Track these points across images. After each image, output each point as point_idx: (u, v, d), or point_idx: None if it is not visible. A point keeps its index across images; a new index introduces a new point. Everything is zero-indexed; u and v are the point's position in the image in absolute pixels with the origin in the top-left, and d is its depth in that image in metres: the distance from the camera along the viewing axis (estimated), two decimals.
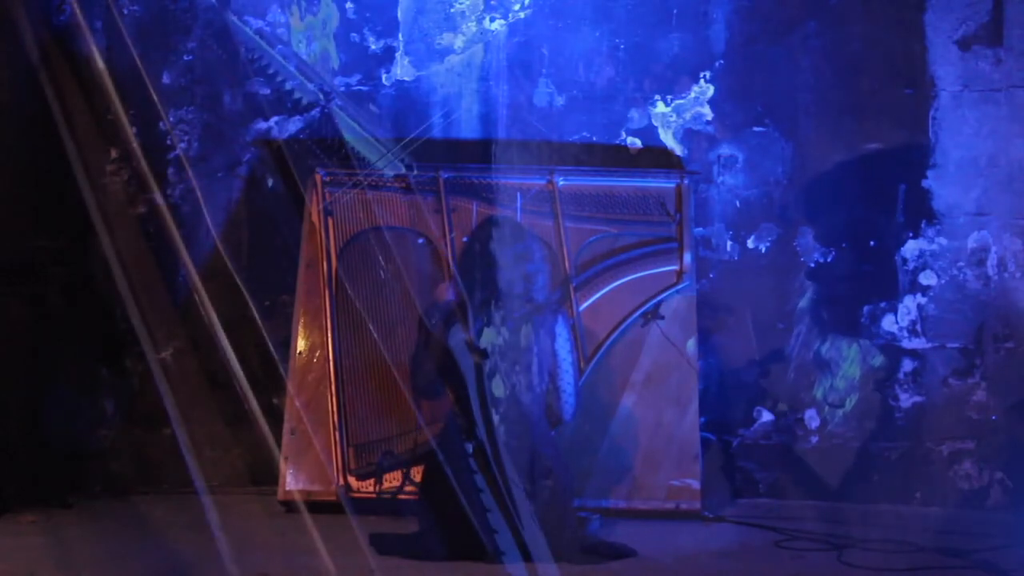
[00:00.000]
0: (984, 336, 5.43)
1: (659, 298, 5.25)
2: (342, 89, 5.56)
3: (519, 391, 4.45)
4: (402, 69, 5.59)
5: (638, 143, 5.58)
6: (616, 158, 5.54)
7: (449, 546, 4.32)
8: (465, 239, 4.91)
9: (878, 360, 5.46)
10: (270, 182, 5.56)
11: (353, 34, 5.60)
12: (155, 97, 5.45)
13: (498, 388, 4.44)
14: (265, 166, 5.55)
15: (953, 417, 5.42)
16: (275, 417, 5.20)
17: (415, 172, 5.28)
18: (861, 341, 5.46)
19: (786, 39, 5.54)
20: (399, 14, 5.60)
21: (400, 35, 5.59)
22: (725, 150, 5.57)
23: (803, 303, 5.48)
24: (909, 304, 5.47)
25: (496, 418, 4.41)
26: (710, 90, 5.55)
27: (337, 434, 5.07)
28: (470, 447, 4.39)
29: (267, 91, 5.57)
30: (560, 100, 5.58)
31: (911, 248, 5.48)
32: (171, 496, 5.30)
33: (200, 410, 5.37)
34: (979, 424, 5.40)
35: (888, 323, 5.47)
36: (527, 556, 4.25)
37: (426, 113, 5.52)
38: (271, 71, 5.56)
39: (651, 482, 5.09)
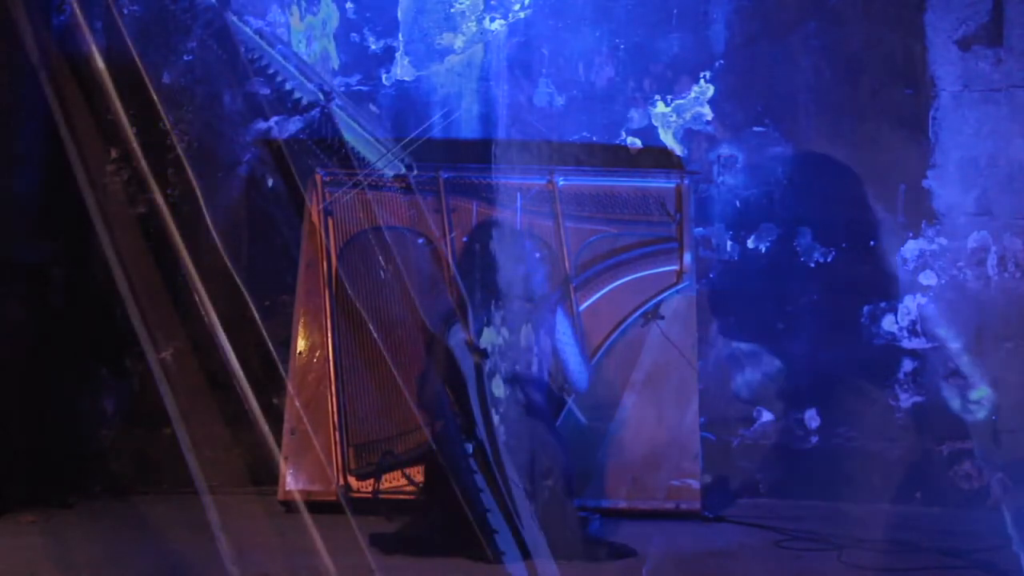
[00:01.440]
0: (984, 336, 5.43)
1: (659, 298, 5.25)
2: (342, 89, 5.56)
3: (519, 391, 4.45)
4: (402, 69, 5.59)
5: (638, 143, 5.58)
6: (616, 158, 5.54)
7: (449, 546, 4.32)
8: (465, 239, 4.92)
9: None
10: (270, 182, 5.56)
11: (353, 34, 5.60)
12: (155, 97, 5.44)
13: (498, 388, 4.44)
14: (265, 166, 5.55)
15: (953, 417, 5.42)
16: (275, 417, 5.20)
17: (415, 172, 5.28)
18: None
19: (786, 39, 5.54)
20: (399, 14, 5.60)
21: (400, 35, 5.59)
22: (725, 150, 5.57)
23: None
24: (909, 304, 5.47)
25: (496, 418, 4.42)
26: (710, 90, 5.55)
27: (337, 434, 5.07)
28: (470, 447, 4.40)
29: (267, 91, 5.56)
30: (560, 100, 5.58)
31: (911, 248, 5.48)
32: (171, 496, 5.30)
33: (200, 410, 5.36)
34: (979, 424, 5.40)
35: (888, 323, 5.47)
36: (527, 556, 4.25)
37: (426, 113, 5.52)
38: (271, 71, 5.55)
39: (651, 482, 5.09)
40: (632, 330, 5.22)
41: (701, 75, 5.56)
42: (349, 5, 5.60)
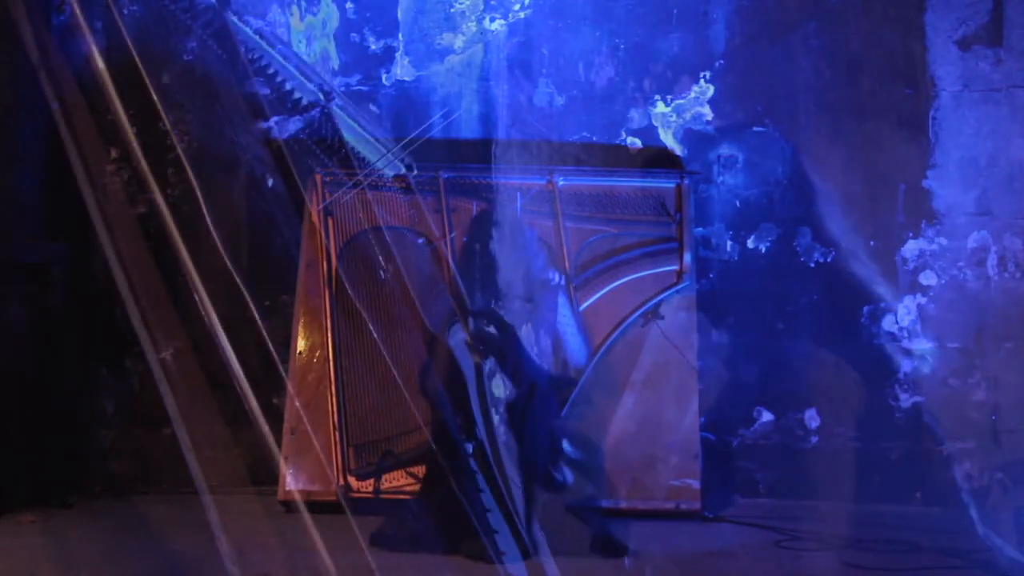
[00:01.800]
0: (984, 336, 5.43)
1: (659, 298, 5.25)
2: (342, 89, 5.56)
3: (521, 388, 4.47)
4: (402, 69, 5.59)
5: (638, 143, 5.58)
6: (616, 158, 5.54)
7: (449, 543, 4.32)
8: (465, 239, 4.92)
9: None
10: (270, 182, 5.56)
11: (353, 34, 5.60)
12: (155, 97, 5.44)
13: (498, 388, 4.44)
14: (265, 166, 5.55)
15: (953, 417, 5.42)
16: (275, 417, 5.20)
17: (415, 172, 5.28)
18: None
19: (786, 39, 5.54)
20: (399, 14, 5.59)
21: (400, 35, 5.59)
22: (725, 150, 5.57)
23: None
24: (909, 304, 5.47)
25: (496, 418, 4.42)
26: (710, 90, 5.55)
27: (337, 434, 5.07)
28: (470, 447, 4.39)
29: (267, 91, 5.56)
30: (560, 100, 5.58)
31: (911, 248, 5.48)
32: (171, 496, 5.30)
33: (200, 410, 5.36)
34: (979, 424, 5.41)
35: (888, 323, 5.47)
36: (527, 556, 4.25)
37: (426, 113, 5.52)
38: (271, 71, 5.55)
39: (651, 482, 5.09)
40: (632, 330, 5.22)
41: (701, 75, 5.56)
42: (349, 5, 5.60)
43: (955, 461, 5.41)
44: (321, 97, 5.51)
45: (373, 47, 5.60)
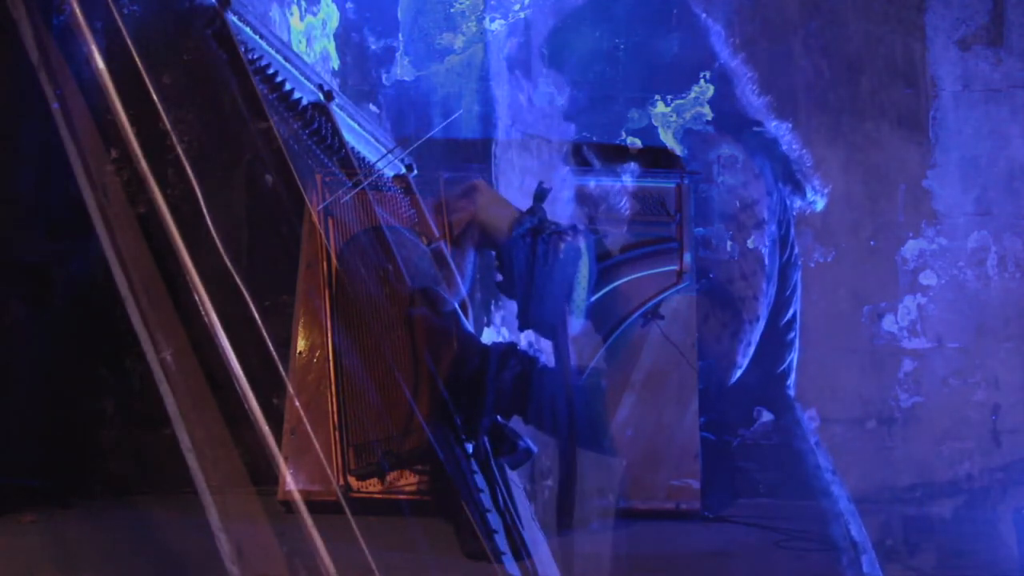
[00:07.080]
0: (984, 336, 5.43)
1: (659, 298, 5.25)
2: (342, 89, 5.55)
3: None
4: (402, 69, 5.59)
5: (638, 143, 5.57)
6: (616, 158, 5.53)
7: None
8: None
9: None
10: (270, 182, 5.56)
11: (353, 34, 5.60)
12: (155, 97, 5.44)
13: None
14: (265, 166, 5.55)
15: (953, 417, 5.42)
16: (275, 417, 5.19)
17: (415, 172, 5.28)
18: None
19: (786, 39, 5.54)
20: (399, 14, 5.60)
21: (400, 35, 5.59)
22: (725, 150, 5.56)
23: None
24: (909, 304, 5.47)
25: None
26: (710, 90, 5.55)
27: (337, 434, 5.07)
28: (470, 447, 4.39)
29: (267, 91, 5.55)
30: (560, 100, 5.58)
31: (911, 248, 5.48)
32: (171, 496, 5.30)
33: (200, 410, 5.35)
34: (979, 424, 5.41)
35: (888, 323, 5.47)
36: (527, 556, 4.25)
37: (426, 113, 5.52)
38: (271, 71, 5.55)
39: (651, 482, 5.08)
40: (632, 330, 5.22)
41: (701, 75, 5.56)
42: (349, 5, 5.60)
43: (955, 461, 5.41)
44: (321, 97, 5.51)
45: (373, 47, 5.60)
